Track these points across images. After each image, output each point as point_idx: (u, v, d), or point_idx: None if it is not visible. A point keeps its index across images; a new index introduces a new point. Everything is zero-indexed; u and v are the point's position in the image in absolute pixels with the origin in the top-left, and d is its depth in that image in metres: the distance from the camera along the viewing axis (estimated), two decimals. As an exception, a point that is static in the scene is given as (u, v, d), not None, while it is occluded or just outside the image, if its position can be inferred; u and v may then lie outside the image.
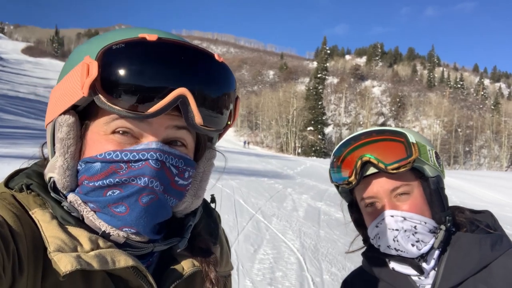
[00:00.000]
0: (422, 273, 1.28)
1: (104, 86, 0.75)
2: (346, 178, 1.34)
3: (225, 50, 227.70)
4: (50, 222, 0.76)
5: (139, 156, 0.77)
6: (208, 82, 0.82)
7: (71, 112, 0.82)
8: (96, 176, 0.79)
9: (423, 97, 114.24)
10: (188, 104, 0.77)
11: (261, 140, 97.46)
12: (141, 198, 0.78)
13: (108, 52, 0.76)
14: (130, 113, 0.75)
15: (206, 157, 0.95)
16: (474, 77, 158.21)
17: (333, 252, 7.43)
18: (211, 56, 0.84)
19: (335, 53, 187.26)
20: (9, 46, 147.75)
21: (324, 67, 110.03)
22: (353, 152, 1.33)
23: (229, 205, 10.79)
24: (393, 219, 1.26)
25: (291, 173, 22.66)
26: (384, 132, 1.34)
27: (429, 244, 1.27)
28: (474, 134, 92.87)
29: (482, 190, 20.52)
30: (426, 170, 1.29)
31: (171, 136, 0.83)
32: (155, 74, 0.75)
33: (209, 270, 0.94)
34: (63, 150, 0.81)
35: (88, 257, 0.73)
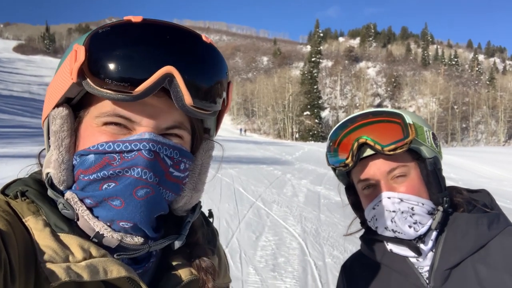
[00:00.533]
0: (420, 254, 1.28)
1: (91, 69, 0.75)
2: (343, 160, 1.33)
3: (217, 38, 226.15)
4: (43, 230, 0.75)
5: (131, 147, 0.76)
6: (196, 61, 0.80)
7: (65, 105, 0.83)
8: (91, 169, 0.78)
9: (418, 75, 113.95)
10: (176, 83, 0.76)
11: (258, 127, 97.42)
12: (135, 192, 0.77)
13: (94, 36, 0.76)
14: (118, 95, 0.74)
15: (204, 149, 0.93)
16: (468, 53, 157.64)
17: (334, 235, 7.48)
18: (198, 36, 0.83)
19: (328, 35, 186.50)
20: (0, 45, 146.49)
21: (318, 50, 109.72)
22: (349, 135, 1.32)
23: (229, 194, 10.82)
24: (390, 200, 1.26)
25: (289, 158, 22.69)
26: (380, 113, 1.32)
27: (426, 225, 1.27)
28: (470, 111, 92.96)
29: (480, 166, 20.60)
30: (423, 151, 1.28)
31: (165, 126, 0.81)
32: (141, 54, 0.75)
33: (207, 279, 0.92)
34: (58, 143, 0.81)
35: (79, 267, 0.72)
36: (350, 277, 1.50)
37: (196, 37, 0.82)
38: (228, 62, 0.79)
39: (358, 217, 1.50)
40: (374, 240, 1.40)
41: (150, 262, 0.89)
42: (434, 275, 1.26)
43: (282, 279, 5.50)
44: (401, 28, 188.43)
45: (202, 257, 0.95)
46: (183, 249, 0.93)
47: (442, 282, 1.24)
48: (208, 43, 0.84)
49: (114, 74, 0.73)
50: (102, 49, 0.75)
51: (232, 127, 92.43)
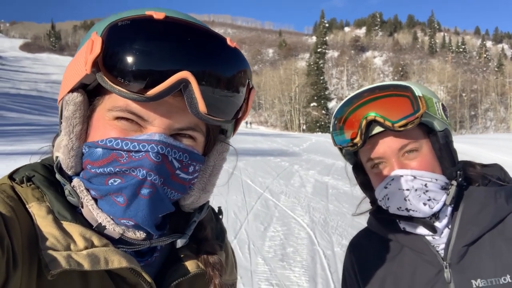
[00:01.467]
0: (435, 232, 1.24)
1: (106, 64, 0.72)
2: (350, 140, 1.27)
3: (222, 31, 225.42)
4: (46, 217, 0.75)
5: (139, 147, 0.74)
6: (215, 67, 0.76)
7: (80, 90, 0.80)
8: (98, 162, 0.77)
9: (426, 64, 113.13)
10: (191, 89, 0.72)
11: (265, 120, 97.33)
12: (139, 190, 0.75)
13: (113, 28, 0.73)
14: (130, 94, 0.71)
15: (218, 151, 0.90)
16: (476, 40, 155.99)
17: (342, 224, 7.46)
18: (222, 39, 0.78)
19: (334, 26, 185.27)
20: (6, 44, 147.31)
21: (323, 41, 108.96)
22: (356, 111, 1.26)
23: (237, 186, 10.81)
24: (403, 178, 1.21)
25: (297, 150, 22.63)
26: (388, 87, 1.26)
27: (441, 201, 1.22)
28: (479, 98, 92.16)
29: (490, 153, 20.42)
30: (435, 124, 1.23)
31: (179, 127, 0.78)
32: (158, 54, 0.71)
33: (214, 275, 0.92)
34: (69, 129, 0.79)
35: (80, 256, 0.71)
36: (359, 255, 1.45)
37: (220, 41, 0.78)
38: None
39: (368, 197, 1.45)
40: (385, 218, 1.35)
41: (153, 257, 0.88)
42: (451, 252, 1.22)
43: (291, 269, 5.50)
44: (407, 16, 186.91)
45: (210, 253, 0.94)
46: (191, 244, 0.93)
47: (459, 259, 1.20)
48: (232, 47, 0.79)
49: (129, 73, 0.71)
50: (119, 44, 0.72)
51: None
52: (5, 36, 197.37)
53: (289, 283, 5.07)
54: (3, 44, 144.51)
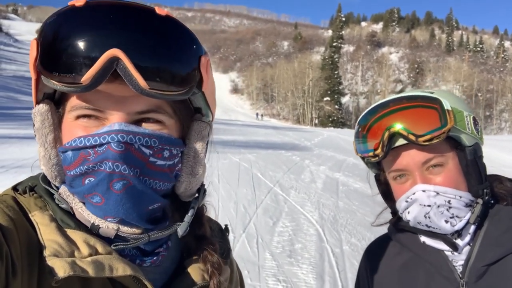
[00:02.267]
0: (456, 250, 1.19)
1: (43, 63, 0.72)
2: (372, 150, 1.24)
3: (238, 22, 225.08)
4: (49, 225, 0.75)
5: (100, 140, 0.73)
6: (146, 38, 0.73)
7: (46, 101, 0.81)
8: (72, 165, 0.76)
9: (442, 62, 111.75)
10: (125, 66, 0.70)
11: (277, 112, 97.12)
12: (112, 185, 0.74)
13: (44, 28, 0.74)
14: (68, 86, 0.71)
15: (195, 131, 0.88)
16: (494, 39, 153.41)
17: (352, 222, 7.43)
18: (148, 9, 0.75)
19: (350, 20, 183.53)
20: (23, 28, 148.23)
21: (339, 35, 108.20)
22: (380, 121, 1.21)
23: (247, 179, 10.83)
24: (425, 194, 1.15)
25: (308, 144, 22.58)
26: (415, 98, 1.20)
27: (464, 219, 1.17)
28: (494, 98, 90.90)
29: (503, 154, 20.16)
30: (463, 139, 1.17)
31: (138, 110, 0.77)
32: (84, 39, 0.70)
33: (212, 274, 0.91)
34: (42, 140, 0.80)
35: (84, 263, 0.71)
36: (373, 262, 1.42)
37: (146, 12, 0.75)
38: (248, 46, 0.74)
39: (389, 207, 1.41)
40: (405, 230, 1.31)
41: (159, 256, 0.86)
42: (469, 270, 1.17)
43: (299, 265, 5.49)
44: (425, 13, 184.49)
45: (208, 250, 0.93)
46: (200, 251, 0.93)
47: (477, 279, 1.15)
48: (162, 16, 0.76)
49: (60, 66, 0.71)
50: (49, 40, 0.72)
51: (251, 112, 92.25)
52: (22, 19, 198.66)
53: (296, 280, 5.06)
54: (20, 27, 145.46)
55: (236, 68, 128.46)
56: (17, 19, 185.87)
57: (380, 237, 1.48)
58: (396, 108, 1.20)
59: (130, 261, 0.80)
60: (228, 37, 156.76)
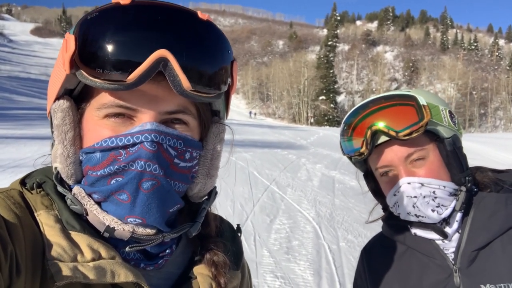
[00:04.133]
0: (446, 237, 1.26)
1: (82, 59, 0.72)
2: (358, 149, 1.30)
3: (233, 21, 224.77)
4: (53, 227, 0.74)
5: (133, 140, 0.73)
6: (192, 41, 0.75)
7: (66, 97, 0.80)
8: (98, 166, 0.76)
9: (437, 60, 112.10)
10: (171, 67, 0.71)
11: (273, 112, 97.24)
12: (141, 184, 0.73)
13: (83, 23, 0.73)
14: (112, 84, 0.71)
15: (214, 133, 0.89)
16: (489, 37, 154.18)
17: (348, 219, 7.48)
18: (193, 13, 0.77)
19: (345, 19, 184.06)
20: (17, 28, 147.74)
21: (334, 34, 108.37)
22: (362, 122, 1.29)
23: (243, 178, 10.86)
24: (410, 186, 1.23)
25: (304, 143, 22.63)
26: (393, 97, 1.28)
27: (450, 207, 1.24)
28: (489, 96, 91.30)
29: (498, 152, 20.28)
30: (441, 132, 1.24)
31: (168, 110, 0.77)
32: (131, 39, 0.70)
33: (218, 274, 0.90)
34: (61, 137, 0.78)
35: (86, 268, 0.70)
36: (370, 260, 1.48)
37: (191, 15, 0.77)
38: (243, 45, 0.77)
39: (380, 203, 1.48)
40: (397, 224, 1.37)
41: (163, 259, 0.85)
42: (460, 256, 1.23)
43: (296, 262, 5.54)
44: (420, 12, 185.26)
45: (213, 250, 0.92)
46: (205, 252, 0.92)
47: (469, 264, 1.21)
48: (205, 20, 0.78)
49: (105, 63, 0.70)
50: (91, 36, 0.71)
51: (247, 111, 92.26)
52: (16, 20, 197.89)
53: (294, 276, 5.11)
54: (14, 28, 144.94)
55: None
56: (11, 19, 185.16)
57: (375, 236, 1.54)
58: (376, 108, 1.27)
59: (134, 265, 0.79)
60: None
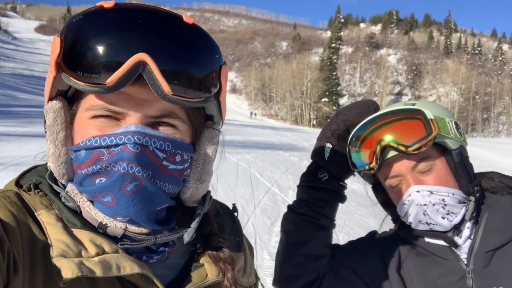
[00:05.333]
0: (456, 247, 1.27)
1: (66, 61, 0.73)
2: (367, 164, 1.30)
3: (237, 22, 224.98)
4: (55, 225, 0.74)
5: (116, 141, 0.73)
6: (173, 45, 0.75)
7: (59, 98, 0.81)
8: (84, 164, 0.76)
9: (440, 64, 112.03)
10: (151, 70, 0.71)
11: (275, 113, 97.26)
12: (124, 187, 0.74)
13: (69, 26, 0.74)
14: (92, 87, 0.71)
15: (206, 138, 0.88)
16: (492, 42, 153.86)
17: (350, 223, 7.45)
18: (176, 17, 0.77)
19: (349, 21, 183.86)
20: (22, 25, 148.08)
21: (338, 36, 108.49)
22: (369, 136, 1.29)
23: (245, 179, 10.84)
24: (419, 194, 1.24)
25: (306, 145, 22.59)
26: (400, 112, 1.28)
27: (460, 214, 1.25)
28: (492, 101, 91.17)
29: (500, 157, 20.22)
30: (448, 144, 1.25)
31: (153, 114, 0.77)
32: (112, 41, 0.71)
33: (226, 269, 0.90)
34: (53, 137, 0.79)
35: (92, 263, 0.71)
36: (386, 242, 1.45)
37: (174, 19, 0.77)
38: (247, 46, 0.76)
39: (389, 214, 1.48)
40: (409, 234, 1.38)
41: (165, 252, 0.86)
42: (473, 257, 1.24)
43: (297, 266, 5.49)
44: (424, 15, 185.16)
45: (218, 248, 0.93)
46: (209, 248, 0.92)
47: (482, 265, 1.22)
48: (190, 24, 0.78)
49: (86, 66, 0.71)
50: (74, 39, 0.72)
51: (249, 112, 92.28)
52: (21, 17, 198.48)
53: (294, 279, 5.06)
54: (18, 25, 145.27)
55: (234, 68, 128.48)
56: (16, 17, 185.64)
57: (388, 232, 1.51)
58: (383, 122, 1.27)
59: (137, 258, 0.79)
60: (226, 37, 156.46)
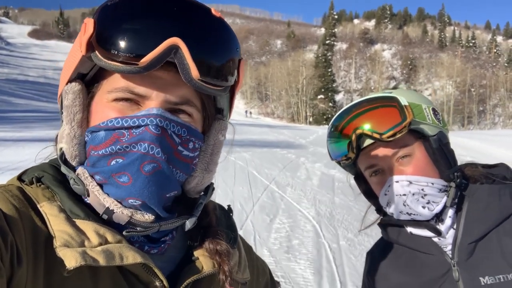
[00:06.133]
0: (439, 234, 1.26)
1: (99, 42, 0.75)
2: (345, 153, 1.31)
3: (230, 21, 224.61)
4: (58, 216, 0.75)
5: (139, 122, 0.76)
6: (204, 33, 0.79)
7: (78, 80, 0.83)
8: (101, 145, 0.78)
9: (435, 58, 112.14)
10: (182, 55, 0.74)
11: (271, 111, 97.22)
12: (143, 167, 0.76)
13: (103, 9, 0.77)
14: (124, 67, 0.74)
15: (216, 129, 0.91)
16: (486, 34, 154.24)
17: (348, 218, 7.47)
18: (208, 9, 0.82)
19: (343, 17, 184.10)
20: (15, 30, 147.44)
21: (332, 33, 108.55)
22: (347, 126, 1.30)
23: (243, 177, 10.85)
24: (399, 184, 1.24)
25: (303, 142, 22.61)
26: (375, 99, 1.30)
27: (441, 203, 1.25)
28: (487, 93, 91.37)
29: (496, 149, 20.26)
30: (425, 130, 1.26)
31: (174, 100, 0.80)
32: (147, 25, 0.74)
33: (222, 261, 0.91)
34: (70, 118, 0.81)
35: (95, 252, 0.72)
36: (372, 263, 1.48)
37: (205, 9, 0.81)
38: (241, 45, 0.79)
39: (373, 204, 1.48)
40: (393, 224, 1.38)
41: (165, 244, 0.87)
42: (457, 249, 1.23)
43: (296, 261, 5.53)
44: (417, 9, 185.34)
45: (215, 240, 0.94)
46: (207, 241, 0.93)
47: (467, 257, 1.22)
48: (217, 17, 0.82)
49: (120, 46, 0.73)
50: (110, 21, 0.75)
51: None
52: (13, 22, 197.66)
53: (294, 275, 5.10)
54: (12, 30, 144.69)
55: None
56: (9, 22, 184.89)
57: (377, 241, 1.55)
58: (359, 112, 1.29)
59: (139, 248, 0.81)
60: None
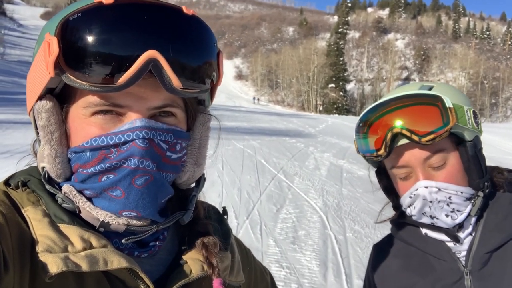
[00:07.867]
0: (458, 241, 1.20)
1: (68, 62, 0.70)
2: (374, 150, 1.23)
3: (243, 7, 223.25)
4: (41, 221, 0.73)
5: (124, 138, 0.73)
6: (180, 39, 0.75)
7: (48, 96, 0.78)
8: (89, 164, 0.76)
9: (448, 49, 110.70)
10: (161, 67, 0.71)
11: (282, 99, 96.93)
12: (135, 181, 0.74)
13: (65, 24, 0.71)
14: (101, 87, 0.70)
15: (200, 122, 0.90)
16: (501, 26, 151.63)
17: (356, 210, 7.44)
18: (178, 10, 0.77)
19: (356, 6, 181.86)
20: (27, 12, 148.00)
21: (345, 21, 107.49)
22: (381, 120, 1.21)
23: (251, 166, 10.84)
24: (427, 190, 1.16)
25: (312, 131, 22.55)
26: (415, 96, 1.19)
27: (465, 212, 1.18)
28: (500, 86, 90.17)
29: (508, 142, 20.05)
30: (465, 135, 1.17)
31: (156, 105, 0.77)
32: (119, 40, 0.69)
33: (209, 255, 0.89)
34: (48, 138, 0.77)
35: (78, 257, 0.70)
36: (378, 258, 1.43)
37: (176, 12, 0.76)
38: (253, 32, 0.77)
39: (391, 201, 1.41)
40: (407, 224, 1.32)
41: (156, 246, 0.86)
42: (472, 258, 1.18)
43: (302, 252, 5.52)
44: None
45: (203, 233, 0.93)
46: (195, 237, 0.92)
47: (481, 266, 1.16)
48: (190, 15, 0.78)
49: (93, 66, 0.69)
50: (76, 39, 0.69)
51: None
52: (26, 4, 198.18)
53: (300, 266, 5.09)
54: (24, 12, 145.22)
55: (240, 54, 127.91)
56: (21, 4, 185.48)
57: (385, 237, 1.49)
58: (397, 106, 1.19)
59: (129, 254, 0.80)
60: (232, 23, 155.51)
